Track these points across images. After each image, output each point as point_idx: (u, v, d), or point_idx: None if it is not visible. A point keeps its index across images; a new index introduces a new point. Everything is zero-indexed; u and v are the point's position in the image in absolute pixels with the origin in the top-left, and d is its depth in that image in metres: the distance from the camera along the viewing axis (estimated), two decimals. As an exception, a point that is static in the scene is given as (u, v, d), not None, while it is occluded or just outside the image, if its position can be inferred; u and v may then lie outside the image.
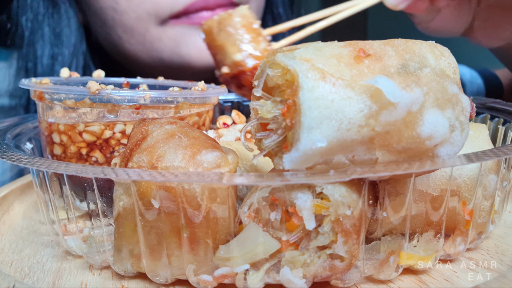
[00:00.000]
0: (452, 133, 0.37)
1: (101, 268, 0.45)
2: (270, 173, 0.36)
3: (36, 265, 0.46)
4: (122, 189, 0.40)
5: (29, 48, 0.93)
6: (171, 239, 0.39)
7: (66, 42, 0.93)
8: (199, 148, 0.39)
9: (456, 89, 0.37)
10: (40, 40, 0.92)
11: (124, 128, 0.55)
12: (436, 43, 0.40)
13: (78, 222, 0.52)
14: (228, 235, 0.39)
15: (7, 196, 0.63)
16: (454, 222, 0.44)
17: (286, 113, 0.35)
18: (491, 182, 0.45)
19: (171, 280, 0.41)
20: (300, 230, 0.37)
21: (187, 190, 0.37)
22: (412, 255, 0.42)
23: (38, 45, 0.92)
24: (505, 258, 0.45)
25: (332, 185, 0.36)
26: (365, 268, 0.41)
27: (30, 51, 0.93)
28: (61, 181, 0.47)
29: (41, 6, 0.93)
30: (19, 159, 0.42)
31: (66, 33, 0.93)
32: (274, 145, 0.37)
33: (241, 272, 0.38)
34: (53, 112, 0.56)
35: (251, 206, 0.38)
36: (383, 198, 0.40)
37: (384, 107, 0.34)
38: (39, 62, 0.92)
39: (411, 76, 0.35)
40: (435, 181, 0.43)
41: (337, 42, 0.37)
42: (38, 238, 0.53)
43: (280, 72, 0.36)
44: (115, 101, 0.52)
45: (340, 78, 0.33)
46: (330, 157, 0.35)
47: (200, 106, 0.59)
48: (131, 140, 0.42)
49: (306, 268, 0.38)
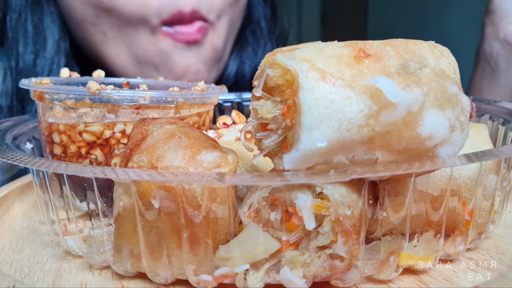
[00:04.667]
0: (452, 133, 0.37)
1: (101, 268, 0.45)
2: (270, 173, 0.36)
3: (36, 265, 0.46)
4: (122, 189, 0.40)
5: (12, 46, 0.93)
6: (171, 239, 0.39)
7: (49, 40, 0.93)
8: (199, 148, 0.39)
9: (456, 89, 0.37)
10: (22, 38, 0.92)
11: (124, 128, 0.55)
12: (436, 43, 0.40)
13: (78, 222, 0.52)
14: (228, 235, 0.39)
15: (7, 196, 0.63)
16: (454, 222, 0.44)
17: (286, 113, 0.35)
18: (491, 182, 0.45)
19: (171, 280, 0.41)
20: (300, 230, 0.37)
21: (187, 190, 0.37)
22: (412, 255, 0.42)
23: (20, 43, 0.92)
24: (505, 258, 0.45)
25: (332, 185, 0.36)
26: (365, 268, 0.41)
27: (13, 49, 0.93)
28: (61, 181, 0.47)
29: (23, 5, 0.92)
30: (19, 159, 0.42)
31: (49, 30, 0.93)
32: (274, 145, 0.38)
33: (241, 272, 0.38)
34: (53, 112, 0.56)
35: (251, 206, 0.38)
36: (383, 198, 0.41)
37: (384, 107, 0.34)
38: (21, 60, 0.92)
39: (411, 76, 0.35)
40: (435, 181, 0.43)
41: (337, 42, 0.37)
42: (38, 238, 0.53)
43: (280, 72, 0.36)
44: (115, 101, 0.52)
45: (340, 78, 0.33)
46: (330, 157, 0.35)
47: (200, 106, 0.59)
48: (131, 140, 0.42)
49: (306, 268, 0.38)
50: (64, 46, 0.94)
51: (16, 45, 0.92)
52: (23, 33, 0.92)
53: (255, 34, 1.08)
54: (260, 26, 1.08)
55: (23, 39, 0.91)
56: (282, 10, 1.17)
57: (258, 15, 1.08)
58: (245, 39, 1.07)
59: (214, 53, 0.92)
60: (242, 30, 1.06)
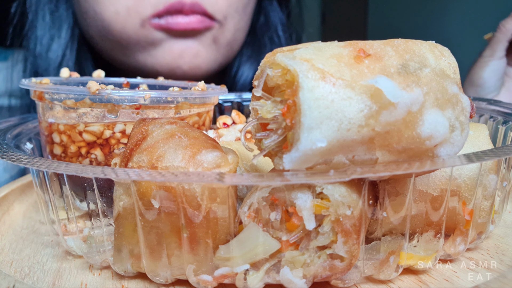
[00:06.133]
0: (452, 133, 0.37)
1: (101, 268, 0.45)
2: (270, 173, 0.36)
3: (36, 265, 0.46)
4: (122, 189, 0.40)
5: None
6: (171, 239, 0.39)
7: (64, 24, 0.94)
8: (199, 148, 0.39)
9: (456, 89, 0.37)
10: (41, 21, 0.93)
11: (124, 128, 0.55)
12: (436, 43, 0.40)
13: (78, 222, 0.52)
14: (228, 235, 0.39)
15: (7, 196, 0.63)
16: (454, 222, 0.44)
17: (286, 113, 0.35)
18: (491, 182, 0.45)
19: (171, 280, 0.41)
20: (300, 230, 0.37)
21: (187, 190, 0.37)
22: (412, 255, 0.42)
23: (39, 25, 0.93)
24: (505, 258, 0.45)
25: (332, 185, 0.36)
26: (365, 268, 0.41)
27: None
28: (61, 181, 0.47)
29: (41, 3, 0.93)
30: (19, 159, 0.42)
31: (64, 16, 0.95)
32: (274, 145, 0.37)
33: (241, 272, 0.38)
34: (53, 112, 0.56)
35: (251, 206, 0.38)
36: (383, 198, 0.41)
37: (384, 107, 0.34)
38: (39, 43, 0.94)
39: (411, 76, 0.35)
40: (435, 181, 0.43)
41: (337, 42, 0.37)
42: (38, 238, 0.53)
43: (280, 72, 0.36)
44: (115, 101, 0.52)
45: (340, 78, 0.33)
46: (330, 157, 0.35)
47: (200, 106, 0.59)
48: (131, 140, 0.42)
49: (306, 268, 0.38)
50: (77, 31, 0.96)
51: (35, 30, 0.94)
52: (42, 16, 0.93)
53: (272, 40, 1.08)
54: (278, 33, 1.08)
55: (41, 23, 0.93)
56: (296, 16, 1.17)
57: (275, 22, 1.08)
58: (263, 45, 1.07)
59: (217, 43, 0.90)
60: (260, 36, 1.05)
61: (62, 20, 0.94)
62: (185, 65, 0.88)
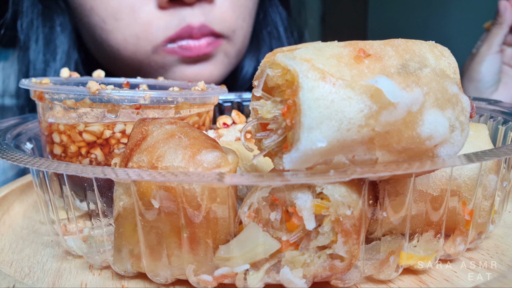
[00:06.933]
0: (452, 133, 0.37)
1: (101, 268, 0.45)
2: (270, 173, 0.36)
3: (36, 265, 0.46)
4: (122, 189, 0.40)
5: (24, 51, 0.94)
6: (171, 239, 0.39)
7: (59, 49, 0.93)
8: (199, 148, 0.39)
9: (456, 89, 0.37)
10: (34, 45, 0.92)
11: (124, 128, 0.55)
12: (436, 43, 0.40)
13: (78, 222, 0.52)
14: (228, 235, 0.39)
15: (7, 196, 0.63)
16: (454, 222, 0.44)
17: (286, 113, 0.35)
18: (491, 182, 0.45)
19: (171, 280, 0.41)
20: (300, 230, 0.37)
21: (187, 190, 0.37)
22: (412, 255, 0.42)
23: (32, 49, 0.92)
24: (505, 258, 0.45)
25: (332, 185, 0.36)
26: (365, 268, 0.41)
27: (25, 54, 0.93)
28: (61, 181, 0.47)
29: (35, 13, 0.93)
30: (19, 159, 0.42)
31: (59, 40, 0.93)
32: (274, 145, 0.37)
33: (241, 272, 0.38)
34: (53, 112, 0.56)
35: (251, 206, 0.38)
36: (383, 198, 0.41)
37: (384, 107, 0.34)
38: (32, 66, 0.93)
39: (411, 76, 0.35)
40: (435, 181, 0.43)
41: (337, 42, 0.37)
42: (38, 238, 0.53)
43: (280, 72, 0.36)
44: (115, 101, 0.52)
45: (340, 78, 0.33)
46: (330, 157, 0.35)
47: (200, 106, 0.59)
48: (131, 140, 0.42)
49: (306, 268, 0.38)
50: (74, 56, 0.95)
51: (27, 51, 0.93)
52: (35, 40, 0.92)
53: (272, 35, 1.08)
54: (277, 28, 1.08)
55: (34, 46, 0.92)
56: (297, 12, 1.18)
57: (274, 17, 1.08)
58: (262, 40, 1.07)
59: (228, 56, 0.91)
60: (259, 31, 1.06)
61: (57, 44, 0.93)
62: None
